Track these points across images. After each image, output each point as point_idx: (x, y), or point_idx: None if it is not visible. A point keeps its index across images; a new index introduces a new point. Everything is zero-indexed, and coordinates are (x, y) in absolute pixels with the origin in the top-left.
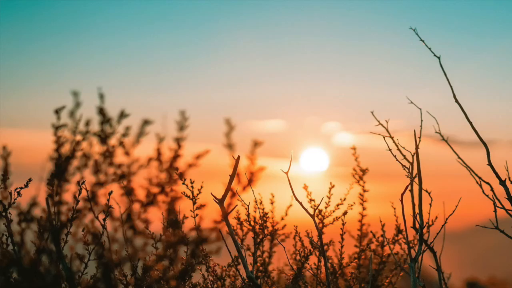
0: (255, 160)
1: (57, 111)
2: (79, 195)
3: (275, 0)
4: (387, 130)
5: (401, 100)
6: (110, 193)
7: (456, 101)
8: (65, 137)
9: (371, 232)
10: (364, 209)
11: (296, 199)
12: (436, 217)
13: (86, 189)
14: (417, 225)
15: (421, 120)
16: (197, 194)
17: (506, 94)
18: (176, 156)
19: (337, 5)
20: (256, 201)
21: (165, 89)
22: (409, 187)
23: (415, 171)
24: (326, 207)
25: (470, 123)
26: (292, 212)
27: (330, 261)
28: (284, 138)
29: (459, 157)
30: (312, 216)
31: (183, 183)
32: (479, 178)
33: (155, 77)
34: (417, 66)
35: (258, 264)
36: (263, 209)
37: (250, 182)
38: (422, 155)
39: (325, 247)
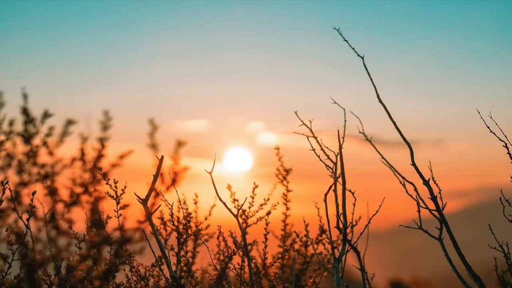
0: (178, 160)
1: None
2: (2, 195)
3: (200, 0)
4: (310, 130)
5: (324, 100)
6: (33, 193)
7: (380, 101)
8: None
9: (294, 232)
10: (287, 209)
11: (220, 199)
12: (360, 217)
13: (9, 189)
14: (341, 225)
15: (345, 120)
16: (121, 194)
17: (430, 95)
18: (99, 156)
19: (261, 5)
20: (179, 201)
21: (89, 89)
22: (333, 187)
23: (338, 171)
24: (249, 207)
25: (394, 123)
26: (215, 212)
27: (253, 261)
28: (208, 138)
29: (382, 157)
30: (235, 216)
31: (107, 183)
32: (403, 178)
33: (79, 77)
34: (341, 67)
35: (182, 264)
36: (186, 209)
37: (173, 182)
38: (346, 155)
39: (249, 247)
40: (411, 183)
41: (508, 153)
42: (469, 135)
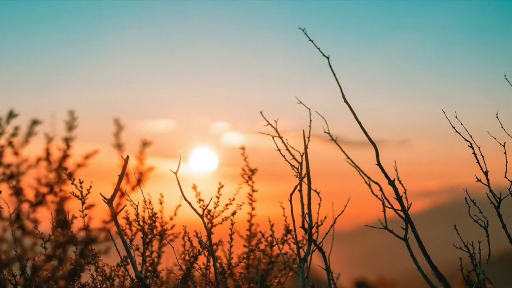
0: (144, 160)
1: None
2: None
3: (163, 0)
4: (276, 130)
5: (290, 100)
6: None
7: (345, 101)
8: None
9: (260, 232)
10: (253, 209)
11: (185, 199)
12: (325, 217)
13: None
14: (306, 225)
15: (310, 120)
16: (86, 194)
17: (395, 95)
18: (65, 156)
19: (226, 5)
20: (145, 201)
21: (54, 89)
22: (298, 187)
23: (304, 171)
24: (215, 207)
25: (359, 123)
26: (181, 212)
27: (219, 261)
28: (173, 138)
29: (348, 157)
30: (201, 216)
31: (72, 183)
32: (368, 178)
33: (44, 77)
34: (306, 67)
35: (147, 264)
36: (152, 209)
37: (139, 182)
38: (311, 155)
39: (214, 247)
40: (376, 183)
41: (474, 153)
42: (434, 135)
